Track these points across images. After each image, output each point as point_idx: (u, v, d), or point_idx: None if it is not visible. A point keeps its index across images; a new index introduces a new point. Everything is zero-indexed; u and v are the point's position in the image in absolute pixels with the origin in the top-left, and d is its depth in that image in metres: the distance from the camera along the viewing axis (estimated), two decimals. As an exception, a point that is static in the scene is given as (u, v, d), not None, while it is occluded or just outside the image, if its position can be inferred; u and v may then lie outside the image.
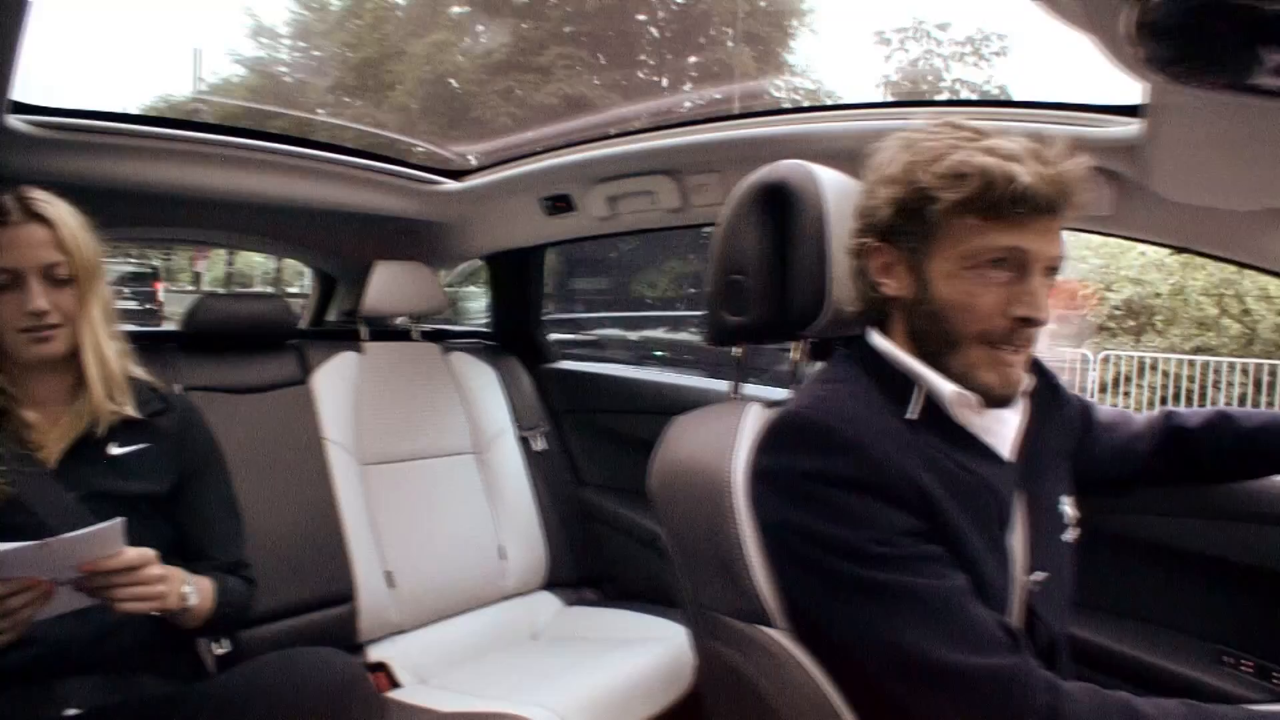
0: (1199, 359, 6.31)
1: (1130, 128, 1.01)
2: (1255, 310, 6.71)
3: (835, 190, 0.90)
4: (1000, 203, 0.71)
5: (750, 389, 1.12)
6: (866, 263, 0.81)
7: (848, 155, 0.92)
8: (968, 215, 0.73)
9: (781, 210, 0.90)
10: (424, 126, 14.13)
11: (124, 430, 1.11)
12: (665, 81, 15.79)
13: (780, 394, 1.13)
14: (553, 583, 1.90)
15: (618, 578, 1.98)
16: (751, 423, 0.88)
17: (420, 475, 1.78)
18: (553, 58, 14.35)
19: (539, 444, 2.00)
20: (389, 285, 1.86)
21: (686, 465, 0.89)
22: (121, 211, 1.13)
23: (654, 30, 15.87)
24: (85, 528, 0.87)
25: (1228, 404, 4.02)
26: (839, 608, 0.73)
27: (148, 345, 1.24)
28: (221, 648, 1.31)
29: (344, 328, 2.12)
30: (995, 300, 0.74)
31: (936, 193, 0.73)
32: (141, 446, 1.13)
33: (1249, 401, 5.83)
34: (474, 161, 2.14)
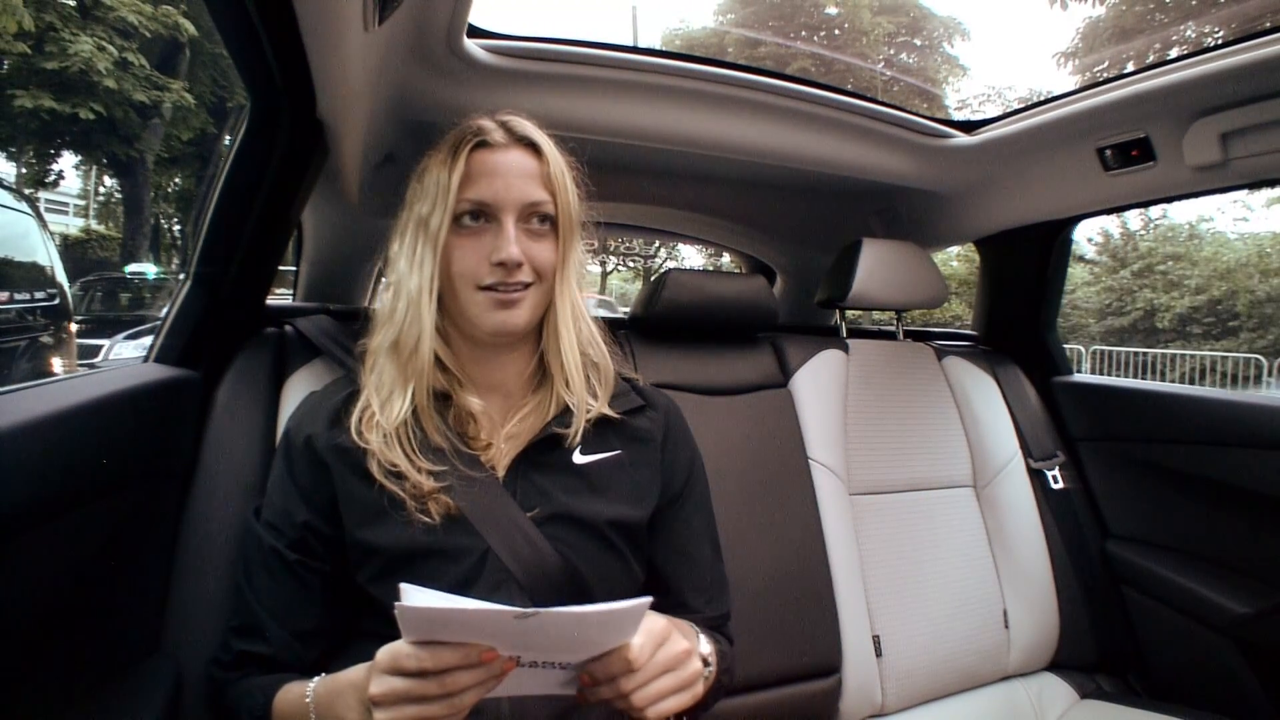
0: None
1: None
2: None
3: None
4: None
5: None
6: None
7: None
8: None
9: None
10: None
11: (591, 432, 0.86)
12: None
13: None
14: (1060, 663, 1.45)
15: (1151, 664, 1.48)
16: None
17: (912, 512, 1.42)
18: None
19: (1057, 480, 1.50)
20: (877, 268, 1.49)
21: None
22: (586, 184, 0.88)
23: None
24: (587, 605, 0.57)
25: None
26: None
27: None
28: None
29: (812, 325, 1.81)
30: None
31: None
32: (613, 454, 0.87)
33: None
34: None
